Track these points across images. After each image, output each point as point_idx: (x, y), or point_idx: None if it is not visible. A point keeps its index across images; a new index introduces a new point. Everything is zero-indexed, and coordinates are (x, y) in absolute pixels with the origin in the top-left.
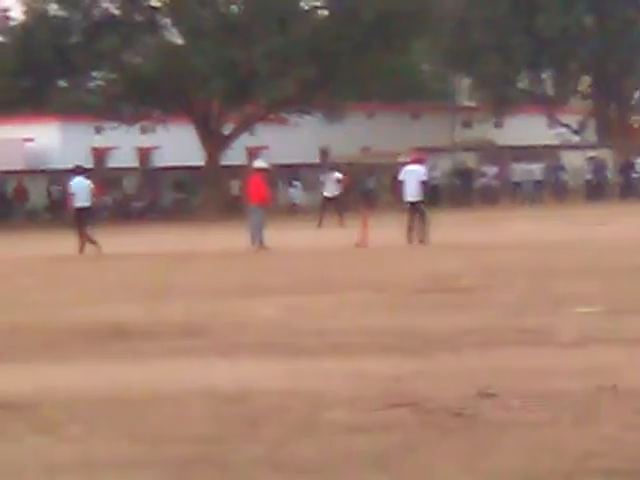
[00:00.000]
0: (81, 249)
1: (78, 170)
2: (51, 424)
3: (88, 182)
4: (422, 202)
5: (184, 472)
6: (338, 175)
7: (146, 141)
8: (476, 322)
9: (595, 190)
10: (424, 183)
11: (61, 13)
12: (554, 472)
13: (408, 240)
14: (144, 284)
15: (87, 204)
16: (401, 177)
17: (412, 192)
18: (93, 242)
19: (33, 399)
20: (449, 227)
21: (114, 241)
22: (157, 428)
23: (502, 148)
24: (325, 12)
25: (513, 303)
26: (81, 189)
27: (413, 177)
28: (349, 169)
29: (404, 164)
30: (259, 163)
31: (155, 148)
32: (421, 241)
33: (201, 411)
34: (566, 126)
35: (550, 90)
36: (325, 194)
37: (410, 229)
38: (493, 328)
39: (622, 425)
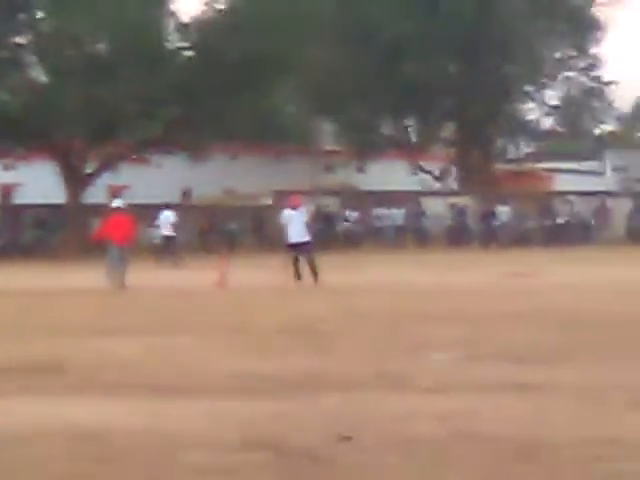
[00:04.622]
0: None
1: None
2: None
3: None
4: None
5: None
6: (171, 215)
7: (8, 178)
8: (336, 365)
9: (456, 237)
10: (307, 224)
11: None
12: None
13: (297, 278)
14: (0, 322)
15: None
16: (283, 221)
17: (299, 233)
18: None
19: None
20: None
21: None
22: (7, 468)
23: (364, 193)
24: (191, 53)
25: (373, 347)
26: None
27: (296, 219)
28: (210, 211)
29: (284, 208)
30: (116, 203)
31: (17, 185)
32: (315, 276)
33: (54, 450)
34: (428, 172)
35: (413, 136)
36: (163, 233)
37: (297, 268)
38: (353, 372)
39: (473, 472)
